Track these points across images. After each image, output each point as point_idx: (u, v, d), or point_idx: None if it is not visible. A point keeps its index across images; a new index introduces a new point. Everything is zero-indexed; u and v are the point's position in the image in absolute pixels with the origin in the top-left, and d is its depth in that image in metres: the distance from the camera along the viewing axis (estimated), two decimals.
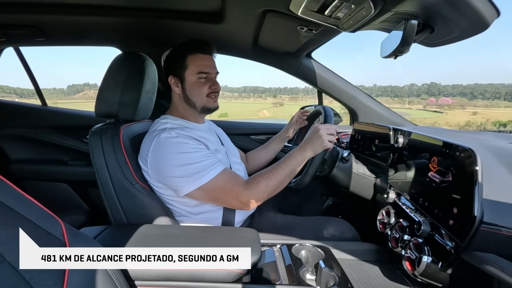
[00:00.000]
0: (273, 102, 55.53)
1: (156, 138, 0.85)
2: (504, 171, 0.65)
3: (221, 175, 0.84)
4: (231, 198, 0.85)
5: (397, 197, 0.87)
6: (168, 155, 0.83)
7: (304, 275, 0.74)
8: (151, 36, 1.29)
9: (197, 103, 0.95)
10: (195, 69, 0.92)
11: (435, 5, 0.67)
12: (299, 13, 0.82)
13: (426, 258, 0.64)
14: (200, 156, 0.84)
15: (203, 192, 0.83)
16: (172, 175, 0.83)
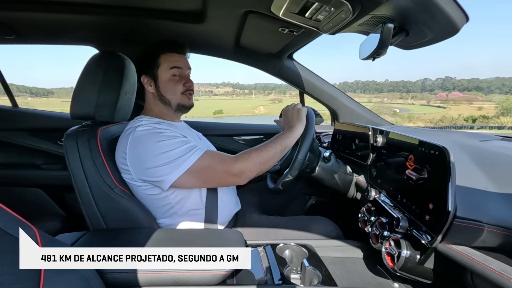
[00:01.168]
0: (271, 99, 55.27)
1: (132, 134, 0.83)
2: (475, 168, 0.69)
3: (206, 155, 0.83)
4: (223, 173, 0.82)
5: (377, 194, 0.89)
6: (147, 146, 0.81)
7: (288, 275, 0.74)
8: (129, 35, 1.25)
9: (172, 101, 0.94)
10: (168, 65, 0.92)
11: (409, 10, 0.69)
12: (280, 15, 0.82)
13: (405, 253, 0.66)
14: (179, 142, 0.83)
15: (192, 175, 0.81)
16: (155, 165, 0.80)
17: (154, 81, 0.93)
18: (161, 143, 0.81)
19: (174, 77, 0.93)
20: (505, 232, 0.50)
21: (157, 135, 0.82)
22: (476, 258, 0.53)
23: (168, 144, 0.81)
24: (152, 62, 0.93)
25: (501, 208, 0.54)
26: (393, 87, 64.24)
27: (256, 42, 1.28)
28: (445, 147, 0.60)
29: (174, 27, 1.14)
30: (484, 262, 0.51)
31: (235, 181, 0.85)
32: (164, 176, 0.80)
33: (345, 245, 0.94)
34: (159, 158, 0.80)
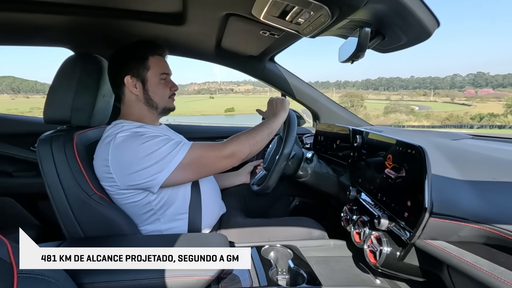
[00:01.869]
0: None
1: (113, 141, 0.80)
2: (449, 166, 0.72)
3: (194, 146, 0.83)
4: (215, 159, 0.84)
5: (358, 194, 0.91)
6: (131, 151, 0.79)
7: (274, 276, 0.75)
8: (107, 37, 1.22)
9: (159, 104, 0.93)
10: (158, 70, 0.91)
11: (385, 15, 0.72)
12: (261, 18, 0.83)
13: (386, 250, 0.68)
14: (163, 140, 0.82)
15: (184, 168, 0.80)
16: (143, 167, 0.78)
17: (142, 83, 0.90)
18: (146, 144, 0.79)
19: (162, 81, 0.92)
20: (477, 226, 0.53)
21: (139, 138, 0.80)
22: (451, 251, 0.55)
23: (153, 144, 0.80)
24: (140, 64, 0.89)
25: (473, 204, 0.57)
26: (420, 84, 63.59)
27: (237, 44, 1.29)
28: (421, 146, 0.62)
29: (154, 29, 1.12)
30: (459, 255, 0.54)
31: (227, 164, 0.86)
32: (155, 175, 0.78)
33: (329, 244, 0.96)
34: (147, 159, 0.78)
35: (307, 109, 1.70)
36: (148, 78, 0.90)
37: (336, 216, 1.00)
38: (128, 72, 0.89)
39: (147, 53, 0.90)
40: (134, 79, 0.89)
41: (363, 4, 0.66)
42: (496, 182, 0.63)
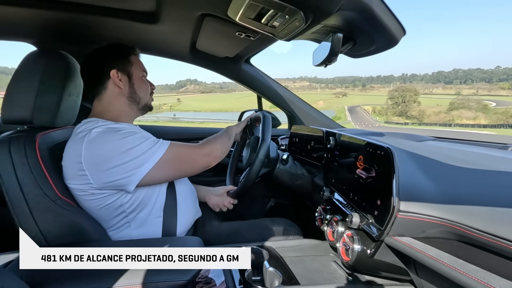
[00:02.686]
0: (336, 93, 52.01)
1: (87, 137, 0.76)
2: (414, 166, 0.77)
3: (174, 144, 0.84)
4: (195, 155, 0.88)
5: (332, 194, 0.94)
6: (110, 145, 0.75)
7: (250, 278, 0.74)
8: (74, 32, 1.15)
9: (142, 99, 0.93)
10: (140, 67, 0.93)
11: (356, 22, 0.75)
12: (237, 20, 0.83)
13: (357, 247, 0.71)
14: (143, 136, 0.81)
15: (164, 165, 0.80)
16: (122, 162, 0.75)
17: (128, 77, 0.90)
18: (125, 139, 0.77)
19: (144, 78, 0.95)
20: (440, 222, 0.57)
21: (117, 133, 0.78)
22: (417, 247, 0.59)
23: (133, 139, 0.78)
24: (124, 59, 0.90)
25: (436, 201, 0.61)
26: (508, 76, 54.78)
27: (213, 45, 1.28)
28: (389, 147, 0.66)
29: (126, 27, 1.08)
30: (424, 250, 0.57)
31: (206, 161, 0.89)
32: (134, 170, 0.76)
33: (304, 244, 0.97)
34: (126, 154, 0.75)
35: (283, 111, 1.73)
36: (133, 72, 0.91)
37: (311, 216, 1.02)
38: (114, 66, 0.88)
39: (129, 51, 0.92)
40: (119, 73, 0.88)
41: (335, 10, 0.68)
42: (457, 181, 0.68)
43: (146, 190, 0.84)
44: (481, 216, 0.51)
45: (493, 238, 0.47)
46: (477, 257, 0.51)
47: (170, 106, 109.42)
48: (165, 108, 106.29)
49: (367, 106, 78.12)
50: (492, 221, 0.49)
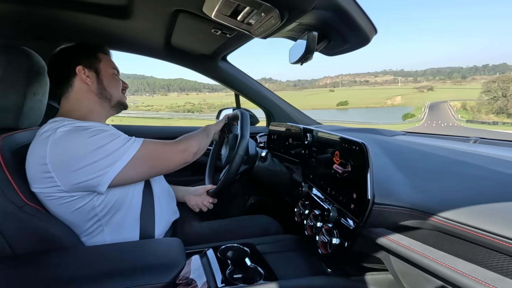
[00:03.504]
0: (420, 87, 44.63)
1: (52, 135, 0.71)
2: (387, 160, 0.80)
3: (147, 141, 0.81)
4: (170, 151, 0.85)
5: (310, 189, 0.96)
6: (78, 144, 0.71)
7: (231, 276, 0.75)
8: (38, 28, 1.08)
9: (114, 96, 0.90)
10: (109, 64, 0.91)
11: (330, 20, 0.77)
12: (213, 16, 0.82)
13: (335, 240, 0.73)
14: (113, 134, 0.77)
15: (137, 163, 0.76)
16: (91, 161, 0.70)
17: (95, 73, 0.86)
18: (94, 138, 0.73)
19: (114, 75, 0.91)
20: (411, 212, 0.60)
21: (85, 131, 0.73)
22: (391, 237, 0.62)
23: (103, 137, 0.74)
24: (91, 56, 0.87)
25: (407, 193, 0.65)
26: None
27: (188, 42, 1.25)
28: (363, 142, 0.68)
29: (95, 22, 1.03)
30: (397, 240, 0.60)
31: (181, 158, 0.86)
32: (105, 169, 0.71)
33: (285, 239, 0.99)
34: (95, 153, 0.71)
35: (261, 108, 1.74)
36: (101, 69, 0.88)
37: (290, 211, 1.04)
38: (79, 62, 0.84)
39: (96, 49, 0.90)
40: (86, 70, 0.85)
41: (310, 8, 0.69)
42: (425, 173, 0.72)
43: (119, 192, 0.80)
44: (448, 206, 0.55)
45: (458, 225, 0.50)
46: (445, 244, 0.54)
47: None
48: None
49: (457, 101, 66.59)
50: (458, 210, 0.53)
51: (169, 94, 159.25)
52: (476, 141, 0.97)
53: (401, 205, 0.62)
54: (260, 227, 1.06)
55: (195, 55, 1.38)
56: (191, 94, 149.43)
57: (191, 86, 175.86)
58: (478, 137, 0.99)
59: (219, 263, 0.80)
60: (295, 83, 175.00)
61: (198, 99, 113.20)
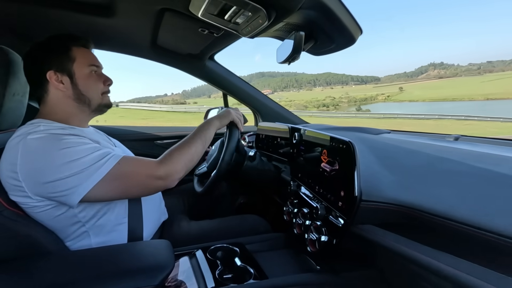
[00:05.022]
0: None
1: (23, 142, 0.66)
2: (373, 158, 0.82)
3: (124, 160, 0.72)
4: (147, 178, 0.72)
5: (298, 188, 0.97)
6: (47, 155, 0.66)
7: (221, 276, 0.74)
8: (18, 26, 1.04)
9: (93, 100, 0.82)
10: (85, 61, 0.80)
11: (316, 20, 0.78)
12: (199, 15, 0.81)
13: (324, 238, 0.74)
14: (90, 148, 0.70)
15: (109, 184, 0.69)
16: (59, 177, 0.65)
17: (69, 77, 0.78)
18: (66, 150, 0.67)
19: (92, 74, 0.82)
20: (397, 208, 0.61)
21: (59, 142, 0.68)
22: (378, 233, 0.63)
23: (76, 151, 0.68)
24: (62, 55, 0.77)
25: (393, 189, 0.66)
26: None
27: (175, 41, 1.24)
28: (351, 141, 0.69)
29: (78, 20, 1.00)
30: (384, 236, 0.62)
31: (162, 185, 0.75)
32: (72, 188, 0.66)
33: (274, 238, 0.99)
34: (65, 168, 0.66)
35: (249, 108, 1.74)
36: (75, 70, 0.79)
37: (279, 210, 1.05)
38: (50, 67, 0.77)
39: (69, 44, 0.79)
40: (58, 74, 0.77)
41: (296, 8, 0.70)
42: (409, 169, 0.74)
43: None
44: (432, 201, 0.56)
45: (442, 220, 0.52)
46: (430, 238, 0.56)
47: (387, 96, 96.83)
48: (380, 98, 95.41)
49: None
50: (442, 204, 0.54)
51: (314, 88, 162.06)
52: (457, 138, 1.01)
53: (387, 202, 0.63)
54: (249, 227, 1.06)
55: (182, 55, 1.37)
56: (335, 88, 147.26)
57: (338, 80, 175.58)
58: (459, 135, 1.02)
59: (209, 264, 0.79)
60: (481, 65, 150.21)
61: (340, 92, 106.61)
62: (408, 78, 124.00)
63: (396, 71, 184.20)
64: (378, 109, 54.22)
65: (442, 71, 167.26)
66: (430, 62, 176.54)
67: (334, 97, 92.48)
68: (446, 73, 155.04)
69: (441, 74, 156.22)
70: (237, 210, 1.45)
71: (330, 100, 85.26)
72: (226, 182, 1.39)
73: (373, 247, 0.67)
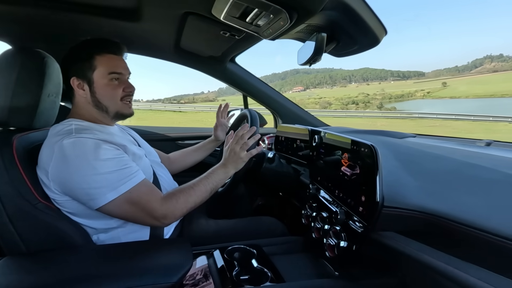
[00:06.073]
0: None
1: (59, 144, 0.71)
2: (397, 163, 0.79)
3: (139, 187, 0.75)
4: (144, 215, 0.75)
5: (317, 191, 0.95)
6: (77, 163, 0.70)
7: (238, 277, 0.74)
8: (52, 30, 1.11)
9: (110, 108, 0.85)
10: (105, 69, 0.83)
11: (339, 21, 0.77)
12: (222, 18, 0.83)
13: (343, 243, 0.72)
14: (117, 164, 0.74)
15: (115, 205, 0.72)
16: (83, 187, 0.70)
17: (88, 85, 0.82)
18: (96, 164, 0.71)
19: (112, 81, 0.84)
20: (421, 216, 0.59)
21: (91, 152, 0.71)
22: (400, 241, 0.61)
23: (104, 166, 0.71)
24: (85, 64, 0.82)
25: (417, 196, 0.64)
26: None
27: (197, 44, 1.26)
28: (373, 145, 0.67)
29: (106, 24, 1.05)
30: (407, 244, 0.59)
31: (154, 224, 0.80)
32: (93, 199, 0.71)
33: (291, 241, 0.98)
34: (91, 179, 0.70)
35: (268, 110, 1.74)
36: (95, 79, 0.82)
37: (297, 213, 1.04)
38: (74, 74, 0.82)
39: (93, 52, 0.82)
40: (80, 81, 0.82)
41: (319, 10, 0.69)
42: (435, 175, 0.71)
43: None
44: (460, 209, 0.54)
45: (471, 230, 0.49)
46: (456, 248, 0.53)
47: (427, 92, 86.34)
48: (419, 95, 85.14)
49: None
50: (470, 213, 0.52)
51: (349, 85, 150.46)
52: (489, 143, 0.95)
53: (411, 209, 0.61)
54: (265, 228, 1.06)
55: (204, 57, 1.39)
56: (372, 84, 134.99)
57: (376, 75, 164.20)
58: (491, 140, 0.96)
59: (226, 264, 0.80)
60: None
61: (376, 89, 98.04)
62: (458, 73, 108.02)
63: (446, 65, 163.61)
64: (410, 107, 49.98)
65: (500, 64, 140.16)
66: (487, 55, 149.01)
67: (367, 94, 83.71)
68: (503, 66, 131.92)
69: (497, 67, 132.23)
70: (254, 211, 1.46)
71: (363, 97, 77.34)
72: (244, 184, 1.40)
73: (395, 255, 0.65)
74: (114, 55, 0.86)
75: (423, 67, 75.90)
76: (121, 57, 0.88)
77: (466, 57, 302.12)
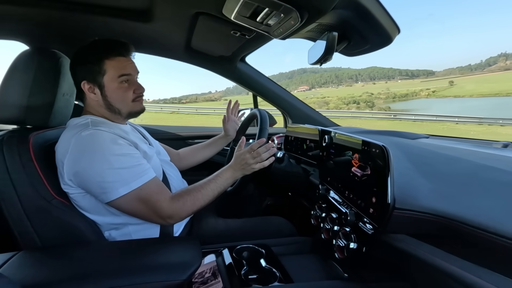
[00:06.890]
0: None
1: (76, 137, 0.73)
2: (409, 165, 0.78)
3: (149, 184, 0.77)
4: (152, 213, 0.77)
5: (327, 192, 0.95)
6: (94, 156, 0.72)
7: (246, 276, 0.75)
8: (68, 31, 1.14)
9: (123, 109, 0.86)
10: (115, 73, 0.83)
11: (350, 20, 0.76)
12: (232, 18, 0.83)
13: (353, 245, 0.72)
14: (130, 160, 0.76)
15: (125, 201, 0.74)
16: (97, 180, 0.72)
17: (99, 89, 0.83)
18: (111, 158, 0.73)
19: (122, 84, 0.84)
20: (434, 218, 0.58)
21: (107, 146, 0.74)
22: (412, 244, 0.60)
23: (119, 161, 0.73)
24: (94, 68, 0.82)
25: (430, 198, 0.62)
26: None
27: (208, 44, 1.27)
28: (384, 145, 0.66)
29: (119, 25, 1.07)
30: (419, 247, 0.58)
31: (159, 222, 0.81)
32: (105, 192, 0.73)
33: (300, 241, 0.98)
34: (106, 173, 0.72)
35: (278, 109, 1.73)
36: (105, 83, 0.82)
37: (306, 214, 1.03)
38: (83, 77, 0.82)
39: (102, 56, 0.82)
40: (91, 84, 0.83)
41: (330, 9, 0.68)
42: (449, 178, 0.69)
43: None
44: (474, 213, 0.52)
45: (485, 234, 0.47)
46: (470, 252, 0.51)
47: (432, 91, 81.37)
48: (423, 94, 79.79)
49: None
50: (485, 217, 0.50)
51: (355, 84, 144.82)
52: (506, 145, 0.92)
53: (423, 211, 0.59)
54: (274, 228, 1.06)
55: (214, 57, 1.40)
56: (378, 83, 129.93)
57: (383, 74, 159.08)
58: (508, 141, 0.93)
59: (235, 263, 0.80)
60: None
61: (382, 88, 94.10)
62: (470, 71, 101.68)
63: (458, 64, 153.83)
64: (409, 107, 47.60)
65: None
66: (501, 52, 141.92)
67: (372, 93, 79.69)
68: None
69: (510, 65, 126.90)
70: (263, 211, 1.46)
71: (367, 96, 74.04)
72: (253, 183, 1.40)
73: (406, 258, 0.63)
74: (123, 57, 0.85)
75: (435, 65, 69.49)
76: (129, 58, 0.88)
77: (480, 55, 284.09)
